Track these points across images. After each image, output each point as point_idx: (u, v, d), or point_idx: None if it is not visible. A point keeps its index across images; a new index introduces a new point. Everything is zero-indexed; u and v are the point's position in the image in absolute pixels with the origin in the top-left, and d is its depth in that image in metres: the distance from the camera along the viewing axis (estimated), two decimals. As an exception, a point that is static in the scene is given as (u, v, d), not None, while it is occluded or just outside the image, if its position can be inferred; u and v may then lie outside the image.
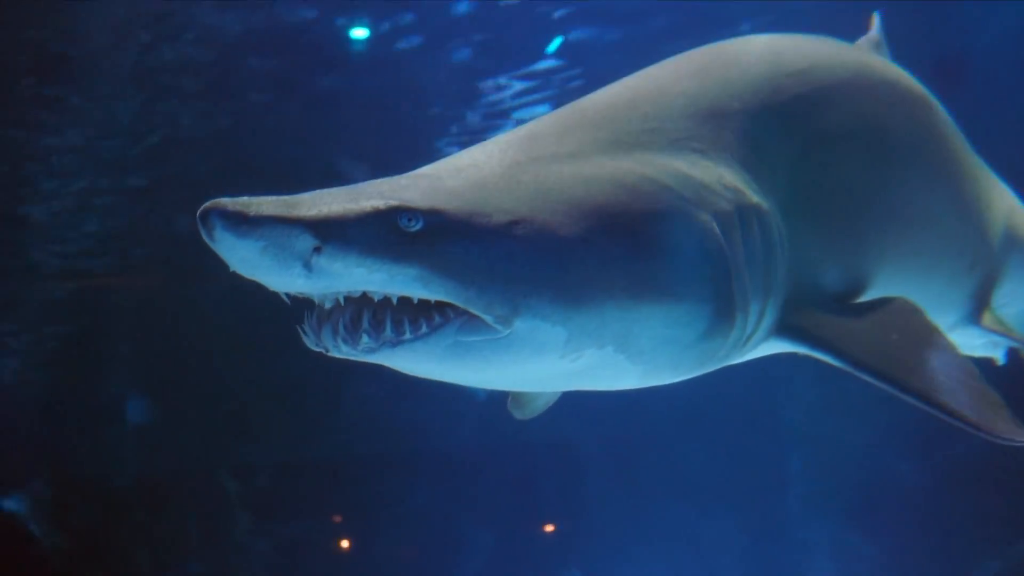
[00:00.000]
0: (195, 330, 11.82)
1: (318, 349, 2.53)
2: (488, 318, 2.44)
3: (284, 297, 2.50)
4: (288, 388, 12.11)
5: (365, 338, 2.46)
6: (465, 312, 2.44)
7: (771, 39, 3.45)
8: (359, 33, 8.30)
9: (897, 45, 4.08)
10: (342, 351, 2.51)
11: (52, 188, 9.95)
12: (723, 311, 2.73)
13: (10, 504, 12.57)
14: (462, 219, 2.45)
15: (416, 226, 2.40)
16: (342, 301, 2.46)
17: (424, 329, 2.45)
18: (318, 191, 2.48)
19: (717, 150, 2.91)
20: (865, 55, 3.79)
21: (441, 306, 2.45)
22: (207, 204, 2.32)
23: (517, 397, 4.15)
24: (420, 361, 2.55)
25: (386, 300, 2.45)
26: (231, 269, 2.42)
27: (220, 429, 12.69)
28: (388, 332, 2.44)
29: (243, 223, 2.29)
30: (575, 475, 12.94)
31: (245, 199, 2.35)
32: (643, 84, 3.15)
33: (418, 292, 2.41)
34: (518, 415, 4.17)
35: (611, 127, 2.88)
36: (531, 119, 3.08)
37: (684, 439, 12.26)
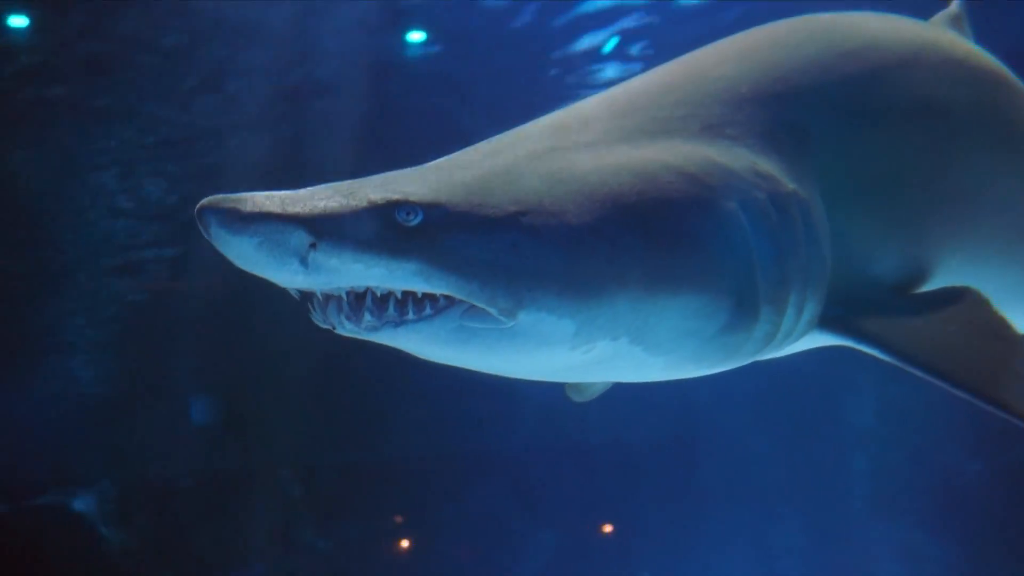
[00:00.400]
0: (260, 331, 11.92)
1: (325, 326, 2.52)
2: (492, 310, 2.41)
3: (293, 293, 2.51)
4: (350, 389, 12.19)
5: (368, 316, 2.44)
6: (478, 311, 2.42)
7: (827, 18, 3.29)
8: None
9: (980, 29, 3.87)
10: (347, 329, 2.49)
11: (119, 184, 10.07)
12: (747, 304, 2.65)
13: (79, 504, 12.76)
14: (464, 212, 2.42)
15: (415, 220, 2.38)
16: (344, 296, 2.44)
17: (428, 311, 2.44)
18: (321, 185, 2.46)
19: (754, 136, 2.81)
20: (932, 31, 3.59)
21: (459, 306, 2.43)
22: (203, 201, 2.33)
23: (576, 383, 4.08)
24: (425, 343, 2.52)
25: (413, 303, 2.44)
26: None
27: (283, 430, 12.79)
28: (391, 312, 2.43)
29: (237, 220, 2.30)
30: (636, 475, 12.88)
31: (242, 195, 2.35)
32: (682, 69, 3.07)
33: (419, 286, 2.39)
34: (576, 398, 4.09)
35: (640, 114, 2.82)
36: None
37: (747, 439, 12.16)
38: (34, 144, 9.39)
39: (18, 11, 7.62)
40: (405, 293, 2.43)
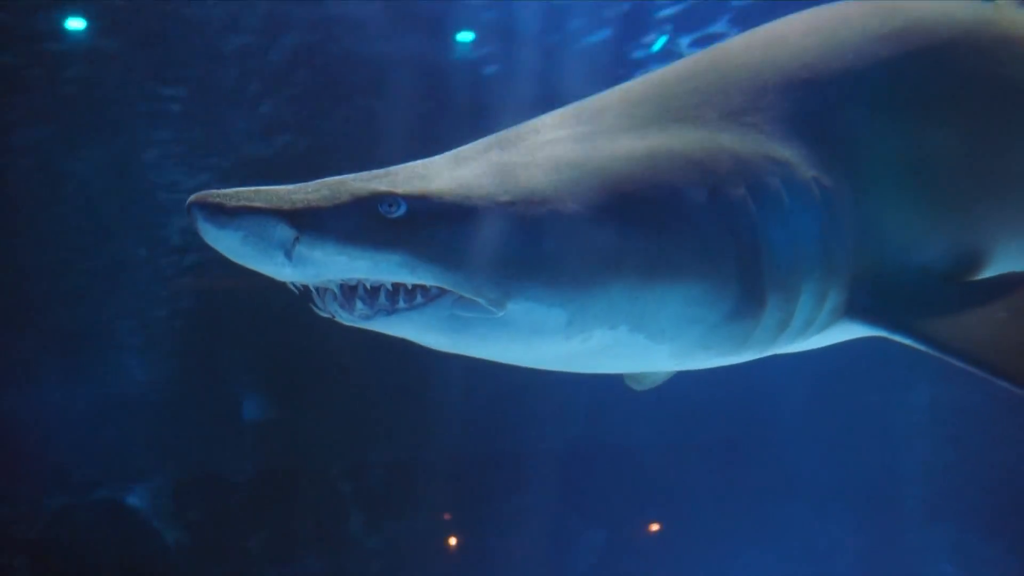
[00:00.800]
0: (312, 330, 11.99)
1: (325, 315, 2.56)
2: (480, 300, 2.43)
3: (292, 288, 2.55)
4: (400, 388, 12.23)
5: (360, 305, 2.48)
6: (468, 301, 2.44)
7: (871, 3, 3.17)
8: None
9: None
10: (342, 317, 2.53)
11: (176, 179, 10.18)
12: (753, 290, 2.61)
13: (134, 499, 12.93)
14: (449, 203, 2.44)
15: (398, 212, 2.41)
16: (336, 288, 2.48)
17: (419, 300, 2.47)
18: (315, 181, 2.50)
19: (775, 123, 2.76)
20: (995, 9, 3.37)
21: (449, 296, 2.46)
22: (192, 197, 2.40)
23: (636, 374, 4.04)
24: (419, 331, 2.55)
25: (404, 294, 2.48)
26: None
27: (334, 427, 12.87)
28: (382, 300, 2.47)
29: (222, 214, 2.36)
30: (686, 474, 12.83)
31: (230, 191, 2.40)
32: (707, 57, 3.02)
33: (405, 278, 2.42)
34: (635, 386, 4.06)
35: (652, 103, 2.79)
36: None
37: (797, 438, 12.07)
38: (96, 144, 9.52)
39: (75, 14, 7.72)
40: (396, 284, 2.46)
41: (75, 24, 7.83)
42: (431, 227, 2.41)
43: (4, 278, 11.36)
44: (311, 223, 2.37)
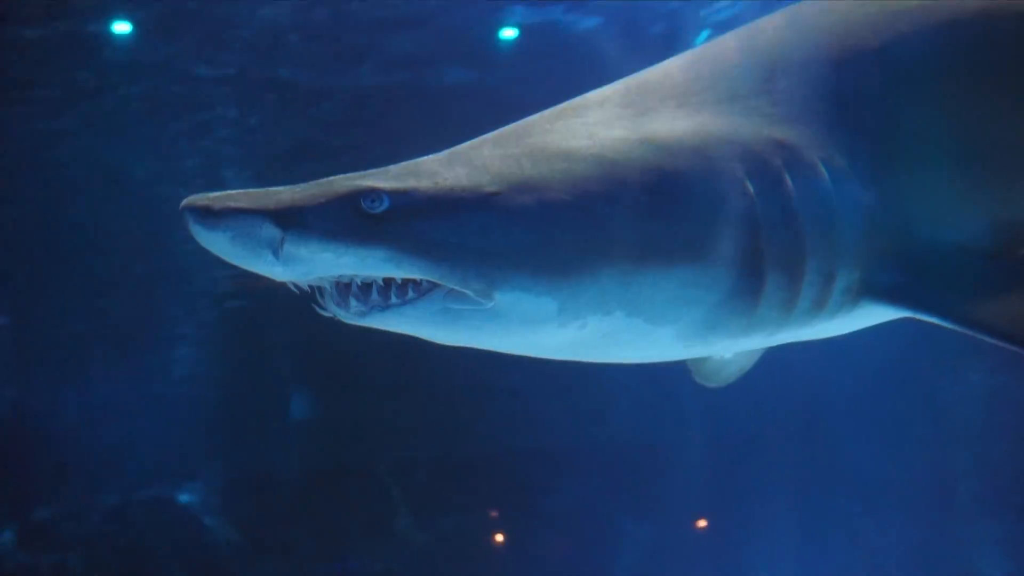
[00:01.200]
0: (358, 329, 12.03)
1: (327, 315, 2.62)
2: (468, 292, 2.45)
3: (292, 287, 2.59)
4: (445, 384, 12.27)
5: (354, 302, 2.54)
6: (457, 294, 2.47)
7: None
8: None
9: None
10: (339, 315, 2.58)
11: (225, 176, 10.28)
12: (752, 270, 2.60)
13: (185, 496, 13.07)
14: (432, 196, 2.47)
15: (381, 207, 2.44)
16: (328, 286, 2.54)
17: (411, 295, 2.50)
18: (309, 182, 2.55)
19: (782, 104, 2.73)
20: None
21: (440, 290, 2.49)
22: (184, 200, 2.49)
23: (698, 366, 4.01)
24: (413, 326, 2.60)
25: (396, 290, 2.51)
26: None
27: (381, 425, 12.94)
28: (375, 297, 2.51)
29: (210, 216, 2.44)
30: (734, 470, 12.76)
31: (220, 193, 2.48)
32: (715, 44, 3.01)
33: (391, 272, 2.46)
34: (710, 384, 4.04)
35: (656, 91, 2.79)
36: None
37: (846, 432, 11.97)
38: (153, 150, 9.63)
39: (122, 17, 7.79)
40: (387, 280, 2.50)
41: (122, 28, 7.90)
42: (414, 221, 2.45)
43: (63, 278, 11.53)
44: (295, 221, 2.43)
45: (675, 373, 3.95)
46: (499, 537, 13.11)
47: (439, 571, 12.79)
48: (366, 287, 2.52)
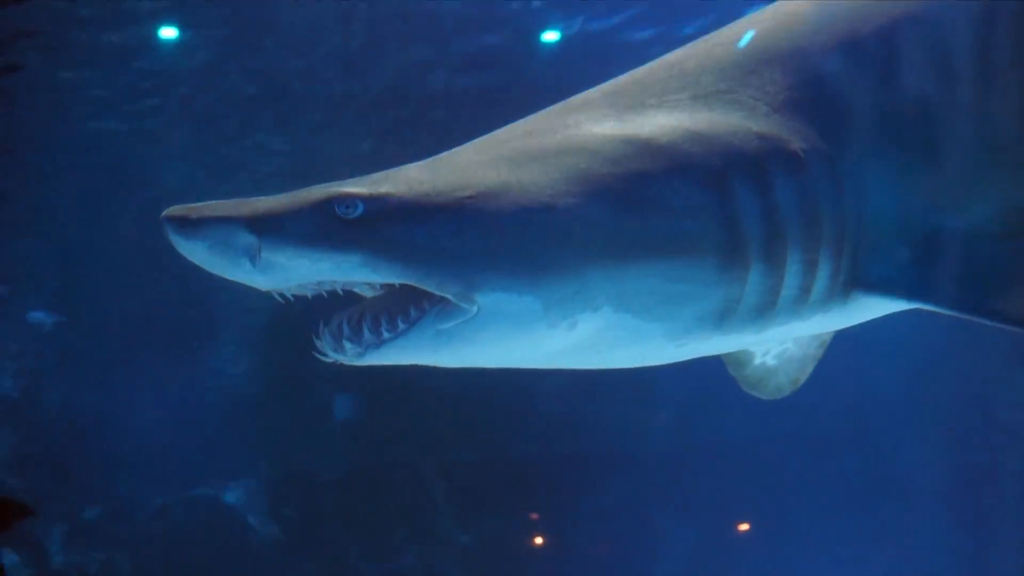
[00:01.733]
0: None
1: (326, 360, 2.66)
2: (449, 297, 2.46)
3: (277, 297, 2.61)
4: (489, 387, 12.30)
5: (348, 344, 2.57)
6: (440, 300, 2.47)
7: None
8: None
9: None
10: (338, 358, 2.62)
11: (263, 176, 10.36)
12: (731, 262, 2.59)
13: (230, 496, 13.17)
14: (407, 201, 2.48)
15: (355, 213, 2.45)
16: (309, 295, 2.57)
17: (402, 326, 2.52)
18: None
19: (761, 98, 2.72)
20: None
21: (419, 301, 2.49)
22: (165, 211, 2.50)
23: (740, 373, 3.98)
24: (413, 355, 2.61)
25: (375, 303, 2.54)
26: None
27: (424, 426, 12.97)
28: (367, 335, 2.54)
29: (187, 226, 2.47)
30: (778, 473, 12.69)
31: (197, 204, 2.49)
32: (700, 43, 2.99)
33: (368, 277, 2.48)
34: (761, 395, 4.01)
35: (638, 91, 2.79)
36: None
37: (893, 436, 11.88)
38: (195, 153, 9.74)
39: (169, 23, 7.88)
40: (375, 319, 2.53)
41: (169, 34, 7.99)
42: (389, 225, 2.46)
43: (114, 278, 11.68)
44: (270, 228, 2.46)
45: (718, 377, 3.95)
46: (542, 539, 13.10)
47: (482, 572, 12.81)
48: (358, 327, 2.55)
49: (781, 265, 2.65)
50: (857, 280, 2.72)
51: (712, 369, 3.54)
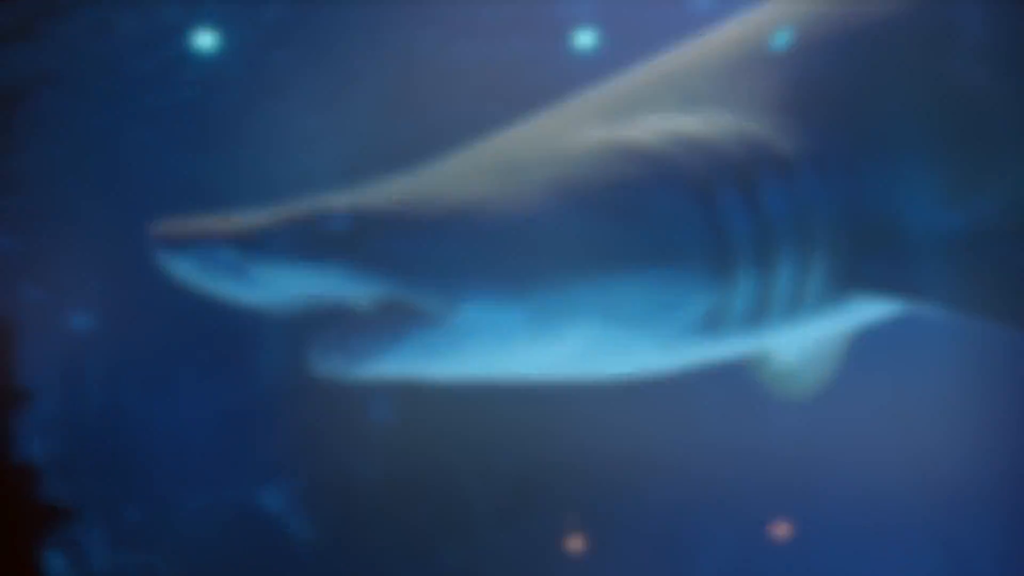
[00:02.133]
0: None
1: (320, 374, 2.79)
2: (431, 310, 2.44)
3: (271, 315, 2.62)
4: (529, 388, 12.27)
5: (337, 358, 2.69)
6: (425, 313, 2.50)
7: None
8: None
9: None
10: (330, 372, 2.66)
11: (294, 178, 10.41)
12: (723, 267, 2.58)
13: (269, 499, 13.23)
14: (389, 215, 2.51)
15: (338, 227, 2.49)
16: (295, 310, 2.64)
17: (388, 339, 2.57)
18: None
19: (745, 103, 2.70)
20: None
21: (406, 314, 2.51)
22: (152, 230, 2.58)
23: (771, 379, 3.96)
24: (402, 367, 2.65)
25: (365, 317, 2.57)
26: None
27: (465, 426, 12.97)
28: (355, 349, 2.62)
29: (175, 243, 2.53)
30: (819, 476, 12.58)
31: (185, 222, 2.56)
32: (690, 47, 3.00)
33: (353, 291, 2.53)
34: (791, 396, 4.00)
35: (624, 99, 2.78)
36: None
37: (936, 436, 11.75)
38: (228, 157, 9.80)
39: (205, 29, 7.91)
40: (364, 332, 2.58)
41: (206, 40, 8.02)
42: (372, 239, 2.48)
43: (153, 282, 11.75)
44: (254, 243, 2.50)
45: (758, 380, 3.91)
46: (582, 541, 13.07)
47: (522, 573, 12.79)
48: (346, 341, 2.59)
49: (771, 269, 2.60)
50: (850, 279, 2.69)
51: (751, 375, 3.49)
